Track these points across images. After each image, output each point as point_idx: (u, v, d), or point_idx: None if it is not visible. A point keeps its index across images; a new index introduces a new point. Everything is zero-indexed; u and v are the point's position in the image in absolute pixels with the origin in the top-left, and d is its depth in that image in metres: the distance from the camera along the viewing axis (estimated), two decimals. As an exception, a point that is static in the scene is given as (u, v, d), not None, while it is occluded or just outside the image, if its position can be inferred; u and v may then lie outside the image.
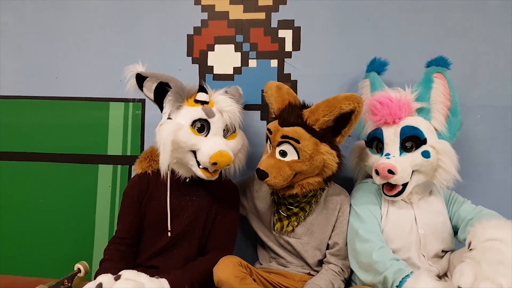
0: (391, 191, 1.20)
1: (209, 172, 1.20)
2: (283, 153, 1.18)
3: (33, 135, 1.65)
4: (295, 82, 1.55)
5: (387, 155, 1.19)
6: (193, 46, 1.59)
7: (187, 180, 1.26)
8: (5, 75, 1.67)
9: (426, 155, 1.17)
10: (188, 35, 1.60)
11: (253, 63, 1.57)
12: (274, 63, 1.56)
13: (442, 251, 1.23)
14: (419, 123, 1.19)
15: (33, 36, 1.66)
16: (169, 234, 1.23)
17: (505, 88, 1.48)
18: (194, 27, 1.59)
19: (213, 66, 1.59)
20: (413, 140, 1.18)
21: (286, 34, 1.56)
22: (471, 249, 0.99)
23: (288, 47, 1.56)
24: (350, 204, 1.30)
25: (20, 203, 1.64)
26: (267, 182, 1.16)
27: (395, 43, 1.51)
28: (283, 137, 1.17)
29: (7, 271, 1.62)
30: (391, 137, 1.20)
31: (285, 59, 1.56)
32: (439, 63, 1.25)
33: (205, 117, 1.18)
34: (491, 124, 1.48)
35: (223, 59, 1.57)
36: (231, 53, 1.58)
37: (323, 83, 1.53)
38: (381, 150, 1.24)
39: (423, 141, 1.18)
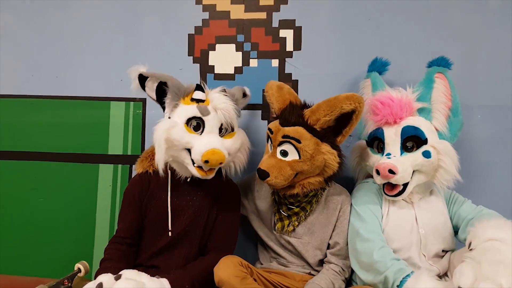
0: (391, 191, 1.20)
1: (203, 170, 1.17)
2: (284, 153, 1.18)
3: (33, 134, 1.64)
4: (296, 82, 1.55)
5: (388, 155, 1.19)
6: (194, 45, 1.59)
7: (188, 180, 1.26)
8: (5, 74, 1.67)
9: (427, 155, 1.17)
10: (189, 35, 1.60)
11: (254, 63, 1.57)
12: (275, 63, 1.56)
13: (442, 251, 1.23)
14: (420, 123, 1.19)
15: (33, 35, 1.66)
16: (170, 233, 1.23)
17: (506, 88, 1.48)
18: (195, 27, 1.59)
19: (214, 65, 1.59)
20: (414, 140, 1.19)
21: (287, 33, 1.55)
22: (471, 249, 0.99)
23: (289, 46, 1.56)
24: (351, 203, 1.30)
25: (20, 202, 1.64)
26: (268, 182, 1.16)
27: (396, 43, 1.51)
28: (284, 137, 1.17)
29: (7, 271, 1.62)
30: (392, 137, 1.20)
31: (286, 59, 1.56)
32: (441, 63, 1.25)
33: (199, 115, 1.17)
34: (492, 124, 1.48)
35: (224, 58, 1.57)
36: (232, 52, 1.57)
37: (324, 83, 1.53)
38: (382, 150, 1.24)
39: (424, 141, 1.18)
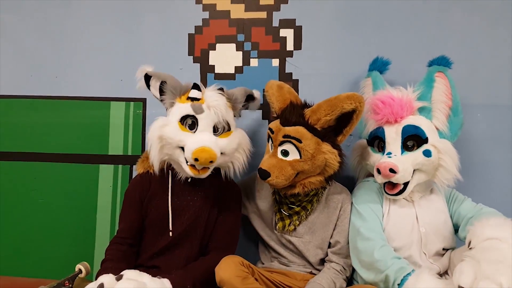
0: (392, 189, 1.21)
1: (196, 169, 1.16)
2: (285, 153, 1.18)
3: (33, 135, 1.64)
4: (296, 81, 1.55)
5: (389, 154, 1.19)
6: (194, 45, 1.59)
7: (189, 180, 1.26)
8: (5, 74, 1.66)
9: (427, 154, 1.17)
10: (189, 34, 1.59)
11: (254, 63, 1.57)
12: (275, 62, 1.56)
13: (443, 249, 1.23)
14: (421, 122, 1.19)
15: (33, 35, 1.65)
16: (171, 234, 1.23)
17: (505, 87, 1.49)
18: (195, 26, 1.59)
19: (214, 65, 1.59)
20: (414, 139, 1.19)
21: (287, 33, 1.55)
22: (471, 248, 0.99)
23: (289, 46, 1.56)
24: (351, 202, 1.30)
25: (20, 203, 1.64)
26: (269, 181, 1.16)
27: (397, 42, 1.51)
28: (285, 137, 1.17)
29: (8, 272, 1.61)
30: (393, 136, 1.20)
31: (287, 59, 1.56)
32: (441, 63, 1.25)
33: (192, 113, 1.16)
34: (491, 123, 1.48)
35: (225, 58, 1.57)
36: (232, 52, 1.57)
37: (324, 82, 1.53)
38: (383, 149, 1.24)
39: (425, 140, 1.18)
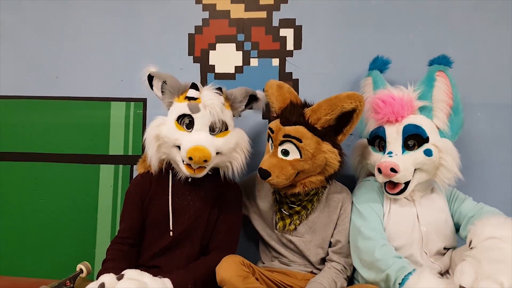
0: (393, 189, 1.20)
1: (192, 168, 1.16)
2: (285, 152, 1.18)
3: (33, 135, 1.64)
4: (296, 81, 1.55)
5: (390, 153, 1.19)
6: (195, 45, 1.59)
7: (189, 180, 1.26)
8: (5, 75, 1.66)
9: (428, 153, 1.17)
10: (189, 34, 1.59)
11: (254, 62, 1.57)
12: (275, 62, 1.56)
13: (444, 248, 1.23)
14: (422, 121, 1.19)
15: (33, 35, 1.65)
16: (171, 233, 1.23)
17: (506, 86, 1.48)
18: (195, 26, 1.59)
19: (214, 65, 1.59)
20: (415, 138, 1.19)
21: (287, 33, 1.55)
22: (471, 248, 0.99)
23: (289, 46, 1.56)
24: (352, 202, 1.30)
25: (21, 203, 1.64)
26: (269, 181, 1.16)
27: (397, 41, 1.51)
28: (285, 136, 1.17)
29: (9, 272, 1.62)
30: (394, 135, 1.20)
31: (287, 58, 1.56)
32: (442, 62, 1.25)
33: (188, 112, 1.17)
34: (492, 122, 1.48)
35: (225, 58, 1.57)
36: (232, 52, 1.57)
37: (324, 82, 1.53)
38: (384, 148, 1.24)
39: (425, 140, 1.18)
